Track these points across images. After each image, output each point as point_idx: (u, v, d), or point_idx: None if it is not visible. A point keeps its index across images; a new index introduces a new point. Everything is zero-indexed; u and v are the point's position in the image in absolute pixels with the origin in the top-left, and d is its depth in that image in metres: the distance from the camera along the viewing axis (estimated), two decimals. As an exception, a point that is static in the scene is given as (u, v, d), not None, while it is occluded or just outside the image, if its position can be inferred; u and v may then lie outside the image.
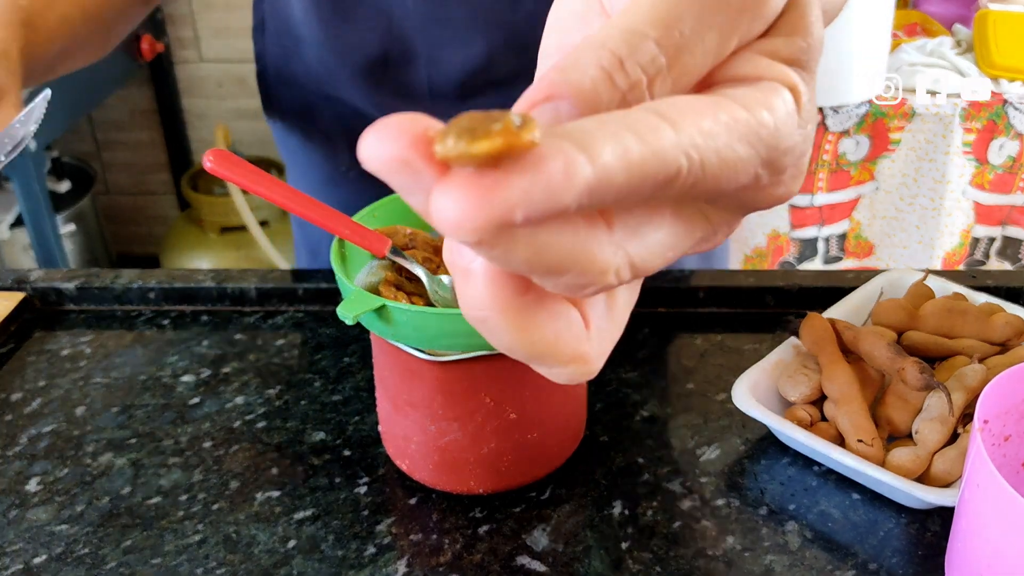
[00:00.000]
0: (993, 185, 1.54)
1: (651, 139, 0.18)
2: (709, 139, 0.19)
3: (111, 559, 0.49)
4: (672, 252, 0.22)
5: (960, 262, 1.60)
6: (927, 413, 0.52)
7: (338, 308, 0.46)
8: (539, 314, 0.22)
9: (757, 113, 0.21)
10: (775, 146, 0.21)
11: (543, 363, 0.23)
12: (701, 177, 0.19)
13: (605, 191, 0.18)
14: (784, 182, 0.23)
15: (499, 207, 0.17)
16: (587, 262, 0.20)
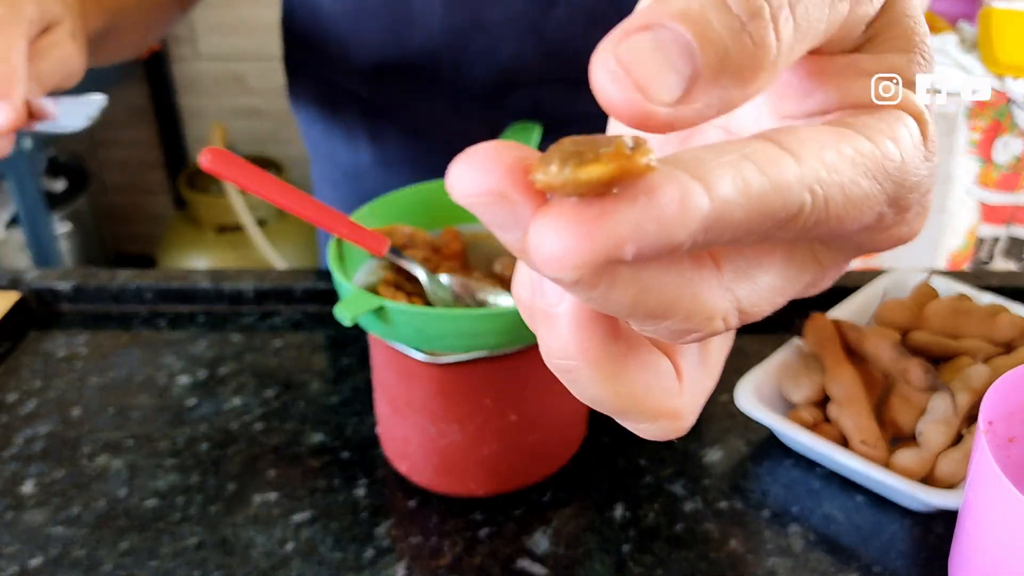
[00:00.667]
0: (998, 184, 1.54)
1: (773, 171, 0.16)
2: (834, 173, 0.17)
3: (107, 561, 0.48)
4: (781, 297, 0.20)
5: (965, 262, 1.60)
6: (931, 414, 0.52)
7: (335, 308, 0.45)
8: (629, 364, 0.20)
9: (882, 145, 0.19)
10: (901, 182, 0.19)
11: (631, 418, 0.21)
12: (824, 216, 0.17)
13: (722, 227, 0.16)
14: (908, 220, 0.20)
15: (607, 241, 0.15)
16: (693, 306, 0.18)
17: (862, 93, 0.20)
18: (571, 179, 0.15)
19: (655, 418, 0.21)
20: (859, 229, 0.19)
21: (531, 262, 0.16)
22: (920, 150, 0.20)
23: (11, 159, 1.62)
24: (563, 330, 0.19)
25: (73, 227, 1.98)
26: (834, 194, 0.17)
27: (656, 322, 0.18)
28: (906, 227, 0.21)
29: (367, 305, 0.45)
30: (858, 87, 0.20)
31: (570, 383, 0.20)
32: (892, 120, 0.19)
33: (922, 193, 0.20)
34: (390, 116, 0.74)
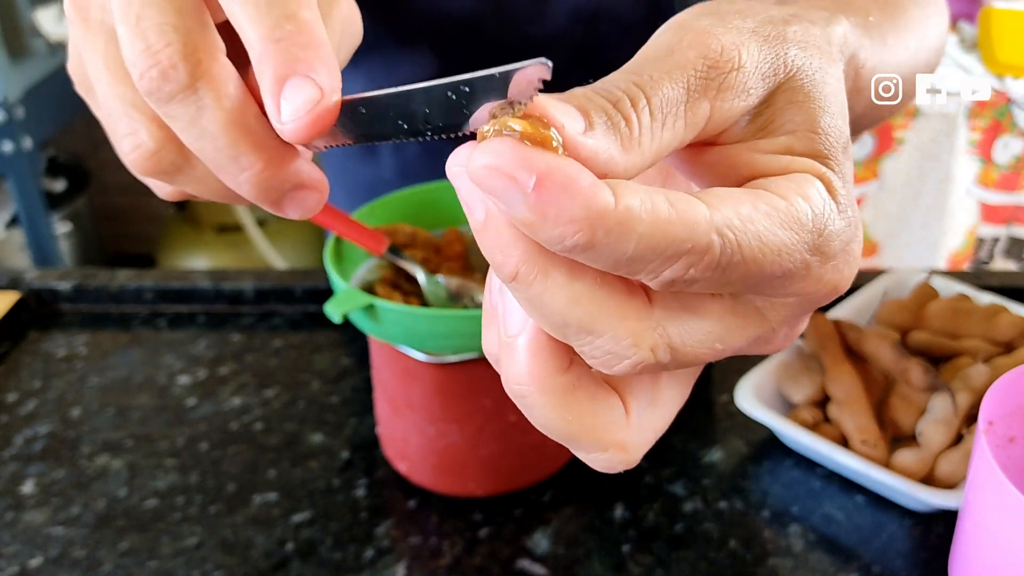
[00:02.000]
0: (998, 184, 1.54)
1: (682, 207, 0.19)
2: (748, 223, 0.20)
3: (107, 562, 0.48)
4: (721, 344, 0.22)
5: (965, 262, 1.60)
6: (931, 414, 0.52)
7: (325, 305, 0.45)
8: (577, 393, 0.23)
9: (794, 200, 0.21)
10: (819, 231, 0.21)
11: (580, 446, 0.23)
12: (740, 259, 0.20)
13: (627, 234, 0.18)
14: (837, 268, 0.23)
15: (521, 162, 0.18)
16: (620, 328, 0.21)
17: (767, 166, 0.23)
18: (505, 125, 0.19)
19: (603, 448, 0.23)
20: (785, 275, 0.21)
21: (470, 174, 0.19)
22: (830, 204, 0.22)
23: (11, 159, 1.62)
24: (520, 358, 0.22)
25: (73, 227, 1.98)
26: (748, 240, 0.20)
27: (588, 338, 0.21)
28: (836, 273, 0.23)
29: (357, 303, 0.45)
30: (762, 163, 0.23)
31: (525, 409, 0.23)
32: (800, 181, 0.22)
33: (845, 242, 0.23)
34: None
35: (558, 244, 0.19)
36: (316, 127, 0.25)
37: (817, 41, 0.25)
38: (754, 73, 0.23)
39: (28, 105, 1.62)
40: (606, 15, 0.64)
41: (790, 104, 0.23)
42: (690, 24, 0.23)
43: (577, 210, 0.18)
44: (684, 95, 0.22)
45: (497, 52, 0.67)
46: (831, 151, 0.23)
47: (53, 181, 1.99)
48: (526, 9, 0.64)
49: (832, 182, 0.22)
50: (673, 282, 0.20)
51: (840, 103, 0.25)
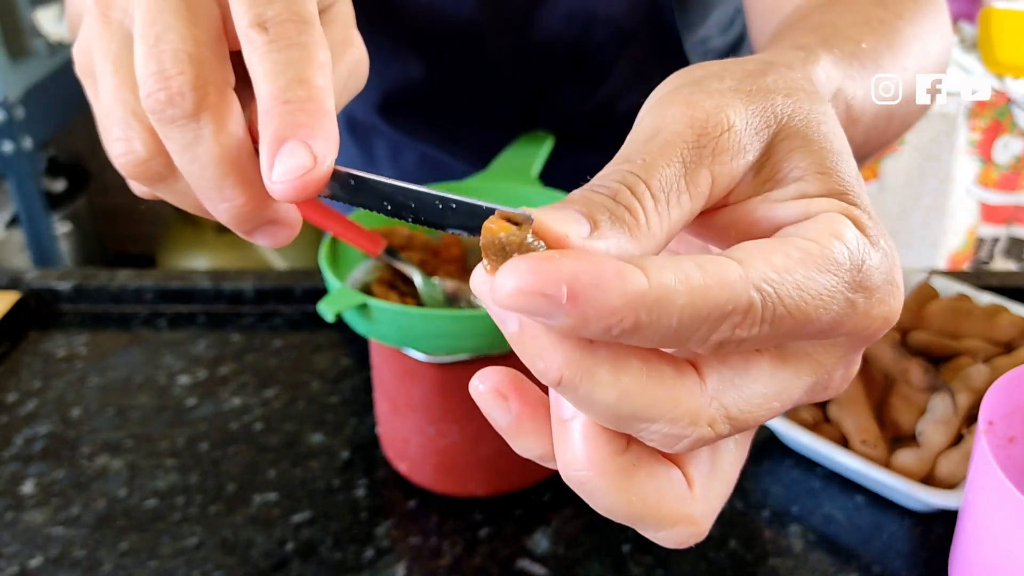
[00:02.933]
0: (998, 184, 1.54)
1: (714, 270, 0.19)
2: (784, 272, 0.20)
3: (107, 562, 0.48)
4: (779, 402, 0.22)
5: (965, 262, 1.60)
6: (931, 414, 0.52)
7: (318, 304, 0.45)
8: (639, 473, 0.22)
9: (827, 241, 0.21)
10: (857, 267, 0.21)
11: (647, 526, 0.23)
12: (784, 311, 0.20)
13: (667, 313, 0.18)
14: (883, 300, 0.22)
15: (546, 277, 0.18)
16: (676, 411, 0.20)
17: (787, 215, 0.23)
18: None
19: (671, 524, 0.23)
20: (835, 320, 0.21)
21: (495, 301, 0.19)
22: (862, 239, 0.22)
23: (11, 159, 1.62)
24: (576, 442, 0.22)
25: (73, 227, 1.98)
26: (788, 290, 0.20)
27: (643, 425, 0.20)
28: (884, 306, 0.22)
29: (350, 302, 0.45)
30: (781, 212, 0.23)
31: (586, 495, 0.22)
32: (828, 221, 0.22)
33: (885, 273, 0.22)
34: (412, 134, 0.73)
35: (604, 335, 0.19)
36: (302, 192, 0.26)
37: (800, 84, 0.25)
38: (746, 130, 0.23)
39: (28, 105, 1.62)
40: (602, 20, 0.64)
41: (791, 152, 0.23)
42: (670, 99, 0.23)
43: (615, 300, 0.18)
44: (681, 169, 0.22)
45: (492, 57, 0.67)
46: (846, 186, 0.23)
47: (53, 181, 1.99)
48: (520, 14, 0.64)
49: (859, 217, 0.22)
50: (722, 344, 0.20)
51: (840, 139, 0.24)
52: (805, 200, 0.22)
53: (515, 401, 0.23)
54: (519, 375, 0.24)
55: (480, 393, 0.23)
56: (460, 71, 0.68)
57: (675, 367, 0.21)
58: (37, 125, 1.67)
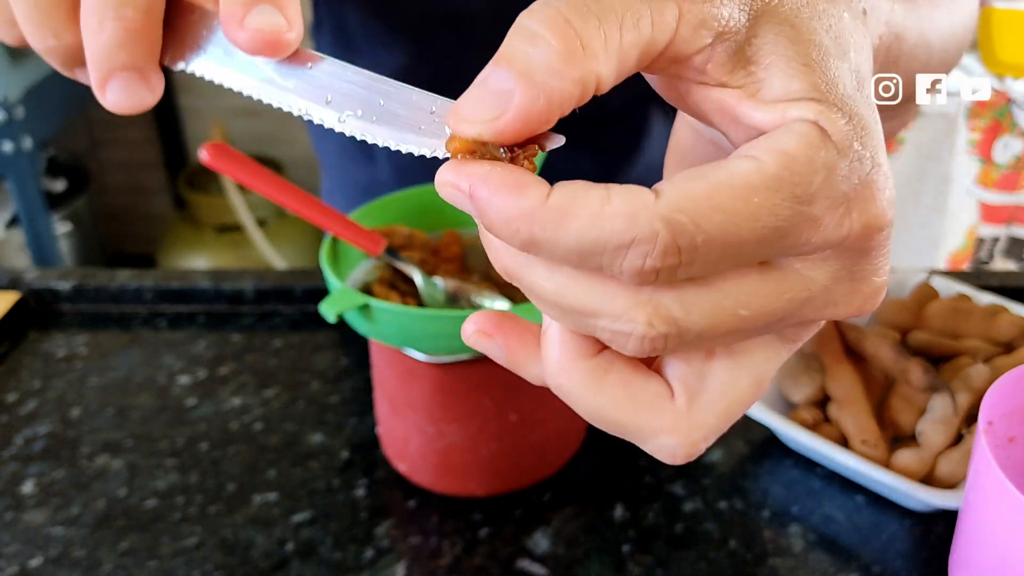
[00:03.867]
0: (998, 184, 1.53)
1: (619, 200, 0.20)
2: (703, 199, 0.20)
3: (107, 562, 0.48)
4: (746, 310, 0.22)
5: (965, 262, 1.60)
6: (931, 414, 0.52)
7: (320, 305, 0.45)
8: (609, 377, 0.23)
9: (768, 158, 0.20)
10: (807, 181, 0.20)
11: (628, 432, 0.24)
12: (707, 236, 0.20)
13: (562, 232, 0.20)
14: (858, 206, 0.21)
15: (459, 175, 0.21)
16: (610, 306, 0.21)
17: (765, 118, 0.22)
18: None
19: (652, 433, 0.23)
20: (780, 236, 0.20)
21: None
22: (826, 145, 0.21)
23: (11, 159, 1.62)
24: (551, 348, 0.24)
25: (73, 227, 1.98)
26: (708, 215, 0.20)
27: (588, 320, 0.22)
28: (857, 213, 0.21)
29: (352, 302, 0.45)
30: (760, 114, 0.22)
31: (564, 398, 0.24)
32: (781, 134, 0.21)
33: (858, 179, 0.21)
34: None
35: (511, 242, 0.20)
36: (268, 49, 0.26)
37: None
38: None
39: (28, 105, 1.62)
40: None
41: (778, 36, 0.22)
42: None
43: (511, 210, 0.20)
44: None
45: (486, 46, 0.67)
46: (829, 84, 0.22)
47: (53, 181, 1.99)
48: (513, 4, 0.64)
49: (830, 119, 0.21)
50: (638, 273, 0.20)
51: (837, 39, 0.23)
52: (784, 104, 0.21)
53: (499, 336, 0.25)
54: (505, 315, 0.26)
55: (469, 336, 0.25)
56: (454, 60, 0.68)
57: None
58: (37, 125, 1.67)
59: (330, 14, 0.71)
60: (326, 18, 0.72)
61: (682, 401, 0.24)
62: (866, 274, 0.23)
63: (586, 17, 0.20)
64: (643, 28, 0.21)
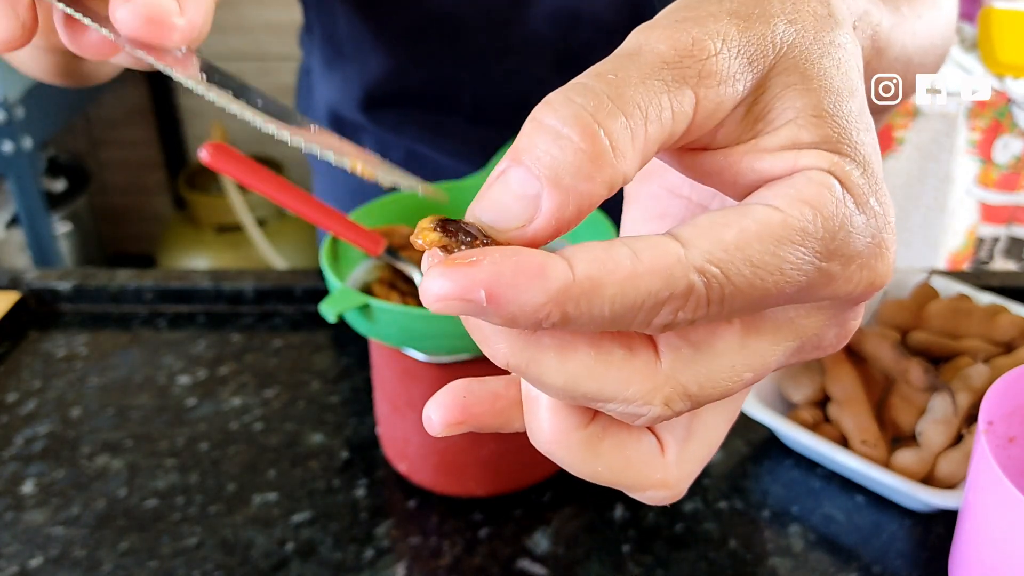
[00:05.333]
0: (998, 184, 1.53)
1: (648, 256, 0.18)
2: (735, 251, 0.19)
3: (107, 562, 0.48)
4: (751, 372, 0.21)
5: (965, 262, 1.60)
6: (931, 414, 0.52)
7: (320, 305, 0.45)
8: (604, 443, 0.22)
9: (794, 209, 0.20)
10: (830, 236, 0.20)
11: (618, 487, 0.23)
12: (734, 290, 0.19)
13: (596, 304, 0.18)
14: (867, 265, 0.21)
15: (465, 280, 0.18)
16: (626, 391, 0.20)
17: (774, 168, 0.21)
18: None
19: (642, 488, 0.23)
20: (798, 290, 0.20)
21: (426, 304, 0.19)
22: (845, 199, 0.20)
23: (11, 159, 1.62)
24: (541, 417, 0.22)
25: (73, 227, 1.98)
26: (738, 268, 0.19)
27: (598, 404, 0.20)
28: (868, 271, 0.21)
29: (352, 302, 0.45)
30: (768, 164, 0.21)
31: (556, 462, 0.23)
32: (803, 183, 0.20)
33: (870, 236, 0.21)
34: (399, 131, 0.73)
35: (537, 327, 0.18)
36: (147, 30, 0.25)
37: (810, 7, 0.23)
38: (736, 57, 0.21)
39: (28, 105, 1.62)
40: (587, 19, 0.64)
41: (787, 89, 0.21)
42: (658, 23, 0.21)
43: (538, 297, 0.18)
44: (662, 87, 0.20)
45: (476, 53, 0.67)
46: (841, 134, 0.21)
47: (53, 181, 1.99)
48: (503, 10, 0.64)
49: (846, 173, 0.20)
50: (669, 327, 0.19)
51: (845, 76, 0.22)
52: (794, 152, 0.21)
53: (469, 420, 0.23)
54: (464, 390, 0.24)
55: (436, 430, 0.23)
56: (445, 67, 0.68)
57: (627, 347, 0.20)
58: (37, 125, 1.67)
59: (320, 19, 0.71)
60: (316, 23, 0.72)
61: (672, 454, 0.24)
62: (847, 319, 0.23)
63: (612, 114, 0.19)
64: (664, 120, 0.20)
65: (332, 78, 0.73)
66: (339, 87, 0.72)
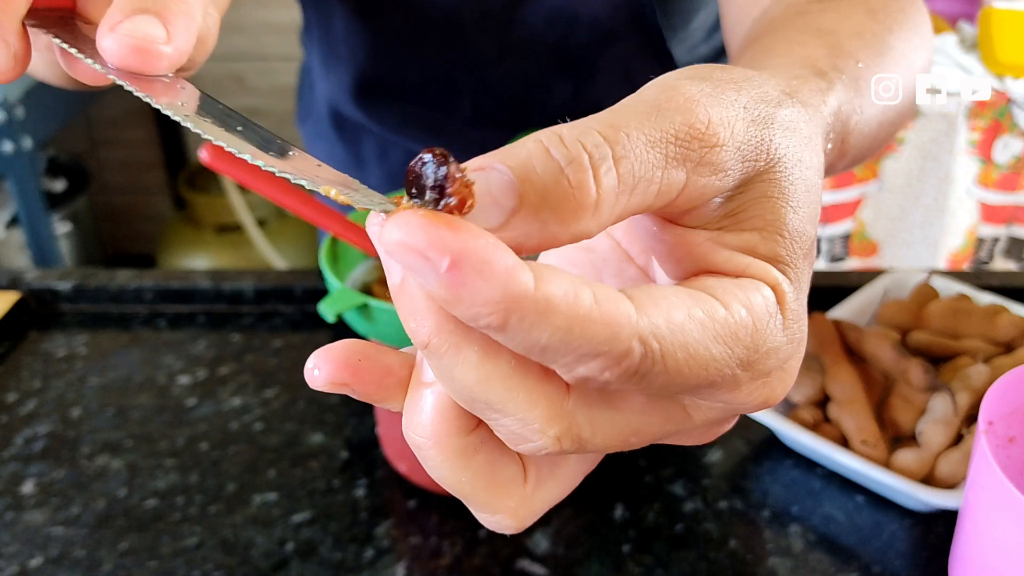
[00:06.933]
0: (998, 184, 1.53)
1: (607, 307, 0.18)
2: (678, 333, 0.19)
3: (107, 562, 0.48)
4: (636, 438, 0.22)
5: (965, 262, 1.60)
6: (931, 414, 0.52)
7: (319, 304, 0.45)
8: (477, 457, 0.22)
9: (735, 311, 0.20)
10: (755, 348, 0.20)
11: (470, 505, 0.23)
12: (662, 369, 0.19)
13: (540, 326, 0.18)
14: (769, 384, 0.22)
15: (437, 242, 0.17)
16: (530, 412, 0.20)
17: (724, 265, 0.22)
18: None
19: (492, 511, 0.23)
20: (710, 386, 0.20)
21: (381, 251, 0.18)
22: (776, 319, 0.21)
23: (11, 159, 1.62)
24: (425, 410, 0.22)
25: (73, 227, 1.98)
26: (674, 351, 0.19)
27: (493, 415, 0.20)
28: (767, 389, 0.22)
29: (351, 302, 0.45)
30: (721, 258, 0.22)
31: (421, 460, 0.22)
32: (749, 288, 0.21)
33: (782, 360, 0.22)
34: (399, 131, 0.73)
35: (471, 321, 0.18)
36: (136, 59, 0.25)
37: (803, 129, 0.24)
38: (735, 154, 0.21)
39: (28, 105, 1.62)
40: (585, 20, 0.64)
41: (764, 198, 0.22)
42: (682, 87, 0.22)
43: (492, 292, 0.17)
44: (662, 160, 0.20)
45: (475, 52, 0.67)
46: (792, 258, 0.22)
47: (53, 181, 1.99)
48: (502, 10, 0.64)
49: (785, 294, 0.21)
50: (586, 379, 0.19)
51: (813, 201, 0.23)
52: (748, 259, 0.21)
53: (357, 385, 0.22)
54: (360, 353, 0.22)
55: (318, 383, 0.22)
56: (444, 65, 0.68)
57: (543, 371, 0.20)
58: (37, 125, 1.67)
59: (318, 20, 0.71)
60: (314, 23, 0.72)
61: (531, 486, 0.23)
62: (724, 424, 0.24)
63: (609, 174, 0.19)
64: (649, 194, 0.20)
65: (330, 77, 0.73)
66: (337, 85, 0.73)
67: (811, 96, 0.27)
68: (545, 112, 0.69)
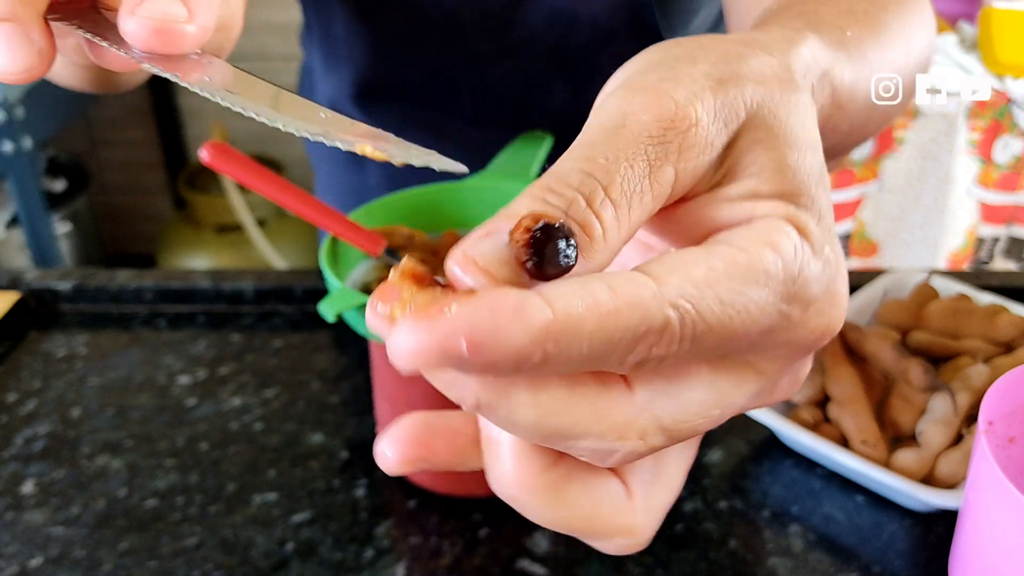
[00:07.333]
0: (998, 184, 1.54)
1: (625, 291, 0.18)
2: (706, 287, 0.19)
3: (107, 562, 0.48)
4: (719, 409, 0.21)
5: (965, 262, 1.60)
6: (931, 414, 0.52)
7: (319, 304, 0.45)
8: (570, 488, 0.22)
9: (757, 251, 0.20)
10: (792, 279, 0.20)
11: (584, 538, 0.23)
12: (706, 328, 0.19)
13: (575, 341, 0.17)
14: (822, 311, 0.21)
15: (442, 333, 0.17)
16: (601, 425, 0.19)
17: (729, 217, 0.22)
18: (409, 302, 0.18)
19: (607, 536, 0.22)
20: (766, 332, 0.20)
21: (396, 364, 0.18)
22: (803, 247, 0.21)
23: (11, 159, 1.62)
24: (504, 461, 0.21)
25: (73, 227, 1.98)
26: (709, 306, 0.19)
27: (570, 442, 0.20)
28: (823, 317, 0.21)
29: (351, 302, 0.45)
30: (726, 212, 0.22)
31: (520, 510, 0.22)
32: (765, 228, 0.21)
33: (825, 283, 0.21)
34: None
35: (515, 373, 0.18)
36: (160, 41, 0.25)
37: (775, 71, 0.24)
38: (713, 123, 0.21)
39: (28, 105, 1.62)
40: (585, 21, 0.64)
41: (754, 144, 0.22)
42: (639, 83, 0.22)
43: (519, 340, 0.17)
44: (646, 168, 0.20)
45: (475, 53, 0.67)
46: (801, 188, 0.22)
47: (53, 181, 1.99)
48: (502, 11, 0.64)
49: (804, 223, 0.21)
50: (643, 365, 0.19)
51: (809, 133, 0.23)
52: (752, 202, 0.21)
53: (430, 457, 0.23)
54: (422, 425, 0.23)
55: (391, 468, 0.22)
56: (444, 65, 0.68)
57: (600, 380, 0.20)
58: (37, 125, 1.67)
59: (318, 20, 0.71)
60: (314, 24, 0.72)
61: (639, 499, 0.23)
62: (799, 367, 0.23)
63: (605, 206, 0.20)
64: (645, 203, 0.20)
65: (330, 77, 0.73)
66: (337, 85, 0.73)
67: (773, 43, 0.26)
68: (545, 112, 0.69)
